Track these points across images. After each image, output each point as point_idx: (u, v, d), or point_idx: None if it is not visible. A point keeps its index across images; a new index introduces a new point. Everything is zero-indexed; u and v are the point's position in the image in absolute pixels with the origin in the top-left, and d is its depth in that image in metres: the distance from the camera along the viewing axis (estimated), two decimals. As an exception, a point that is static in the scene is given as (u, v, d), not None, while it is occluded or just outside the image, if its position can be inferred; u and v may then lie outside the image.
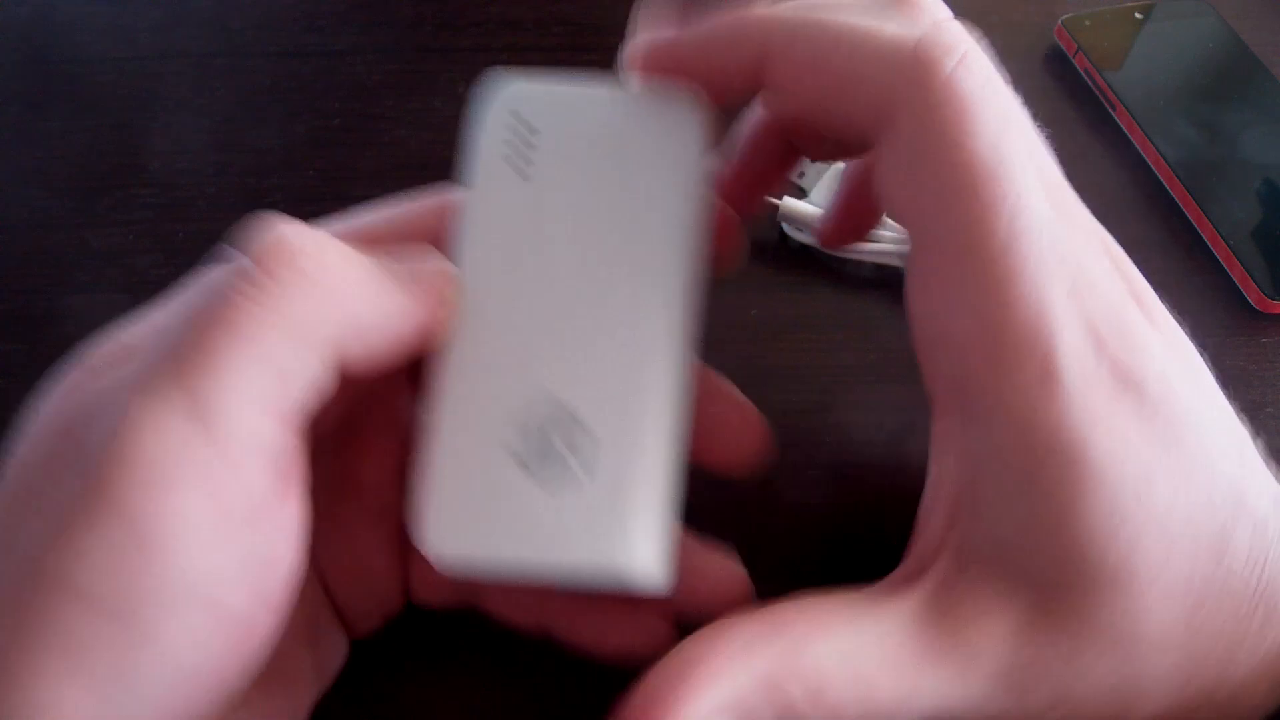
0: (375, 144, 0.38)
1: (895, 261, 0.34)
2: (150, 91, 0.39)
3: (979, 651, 0.20)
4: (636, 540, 0.21)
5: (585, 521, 0.21)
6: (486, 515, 0.21)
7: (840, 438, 0.31)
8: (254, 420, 0.19)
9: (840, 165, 0.35)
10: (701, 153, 0.23)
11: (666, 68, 0.23)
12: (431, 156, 0.37)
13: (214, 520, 0.18)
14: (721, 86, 0.23)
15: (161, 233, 0.35)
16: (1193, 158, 0.37)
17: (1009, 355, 0.20)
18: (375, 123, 0.38)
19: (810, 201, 0.35)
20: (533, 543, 0.21)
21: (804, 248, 0.35)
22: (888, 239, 0.34)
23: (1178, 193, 0.37)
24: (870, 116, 0.21)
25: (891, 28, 0.21)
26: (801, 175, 0.36)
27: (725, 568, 0.24)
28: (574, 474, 0.21)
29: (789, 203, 0.35)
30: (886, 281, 0.35)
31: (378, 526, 0.25)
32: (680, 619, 0.24)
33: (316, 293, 0.19)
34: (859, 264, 0.35)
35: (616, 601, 0.24)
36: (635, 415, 0.22)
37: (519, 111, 0.23)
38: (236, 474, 0.19)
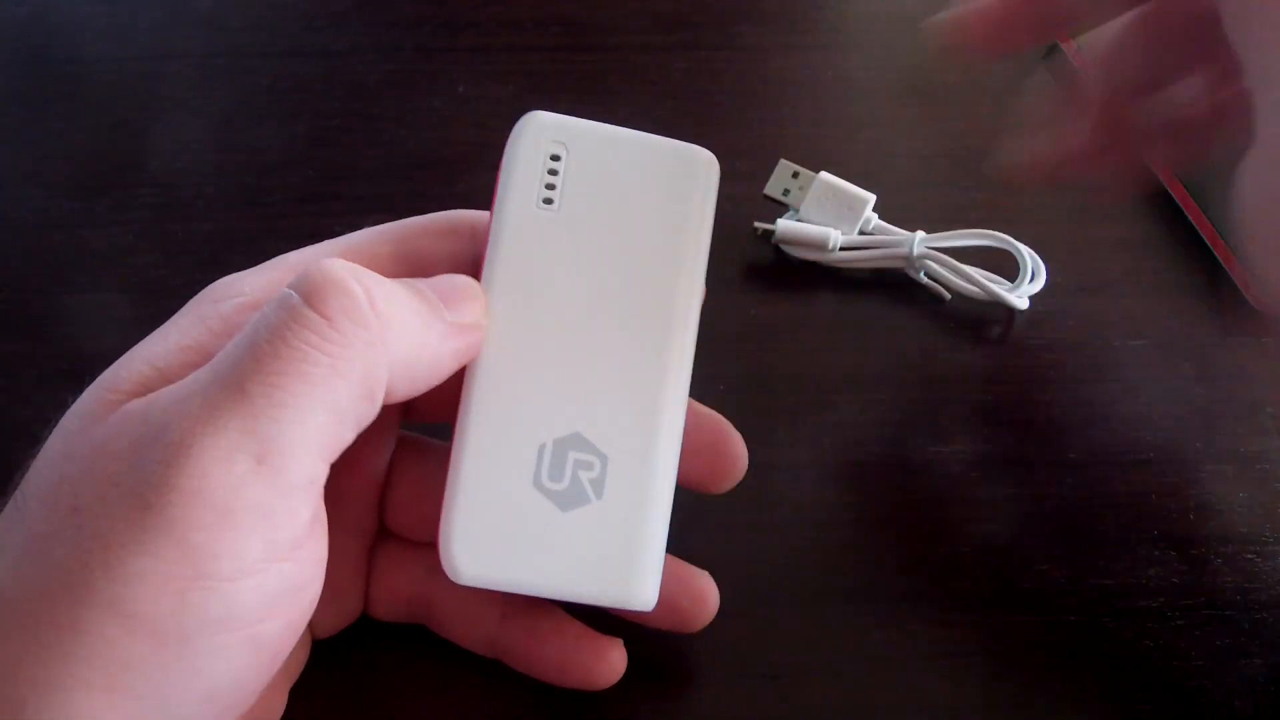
0: (375, 144, 0.38)
1: (893, 264, 0.34)
2: (150, 91, 0.39)
3: None
4: (639, 570, 0.23)
5: (595, 549, 0.23)
6: (504, 539, 0.23)
7: (840, 439, 0.32)
8: (310, 464, 0.20)
9: (824, 177, 0.35)
10: (711, 202, 0.25)
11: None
12: (431, 156, 0.37)
13: (264, 556, 0.19)
14: None
15: (161, 233, 0.35)
16: (1192, 158, 0.37)
17: None
18: (375, 123, 0.38)
19: (801, 218, 0.35)
20: (546, 568, 0.23)
21: (803, 264, 0.35)
22: (886, 243, 0.34)
23: (1178, 192, 0.37)
24: None
25: None
26: (786, 194, 0.35)
27: (699, 589, 0.26)
28: (588, 499, 0.23)
29: (784, 225, 0.35)
30: (885, 285, 0.35)
31: (349, 540, 0.25)
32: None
33: (376, 341, 0.20)
34: (857, 269, 0.35)
35: (574, 632, 0.25)
36: (644, 445, 0.24)
37: (550, 146, 0.24)
38: (289, 514, 0.20)
